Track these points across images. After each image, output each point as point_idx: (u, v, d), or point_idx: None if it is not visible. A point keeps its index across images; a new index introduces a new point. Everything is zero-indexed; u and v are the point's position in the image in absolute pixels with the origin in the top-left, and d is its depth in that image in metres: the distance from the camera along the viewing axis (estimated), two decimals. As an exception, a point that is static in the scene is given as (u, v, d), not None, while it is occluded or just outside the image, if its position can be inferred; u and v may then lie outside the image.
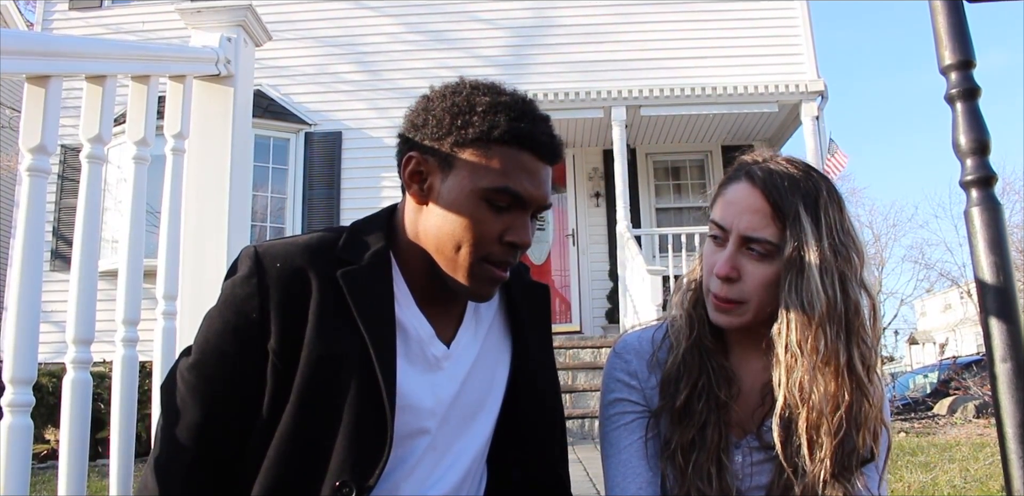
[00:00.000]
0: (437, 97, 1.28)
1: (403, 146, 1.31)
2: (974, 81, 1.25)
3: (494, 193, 1.23)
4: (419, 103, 1.31)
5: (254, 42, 2.51)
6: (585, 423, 6.18)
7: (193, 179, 2.22)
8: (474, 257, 1.25)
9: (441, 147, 1.25)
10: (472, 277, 1.27)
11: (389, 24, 9.61)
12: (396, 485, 1.26)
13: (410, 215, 1.31)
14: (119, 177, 8.08)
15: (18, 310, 1.48)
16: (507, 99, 1.27)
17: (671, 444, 1.38)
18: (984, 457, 5.09)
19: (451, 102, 1.26)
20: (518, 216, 1.26)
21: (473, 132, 1.23)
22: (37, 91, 1.56)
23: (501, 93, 1.29)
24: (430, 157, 1.26)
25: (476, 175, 1.23)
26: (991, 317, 1.16)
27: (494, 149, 1.23)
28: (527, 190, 1.24)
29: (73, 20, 9.79)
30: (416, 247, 1.30)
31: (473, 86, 1.29)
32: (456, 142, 1.24)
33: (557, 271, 9.61)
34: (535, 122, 1.27)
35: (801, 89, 8.48)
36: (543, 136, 1.27)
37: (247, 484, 1.22)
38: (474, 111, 1.24)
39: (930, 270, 31.42)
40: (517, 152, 1.24)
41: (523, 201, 1.25)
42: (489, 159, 1.23)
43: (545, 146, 1.27)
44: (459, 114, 1.24)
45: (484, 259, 1.26)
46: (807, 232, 1.28)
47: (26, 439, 1.45)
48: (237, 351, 1.24)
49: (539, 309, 1.49)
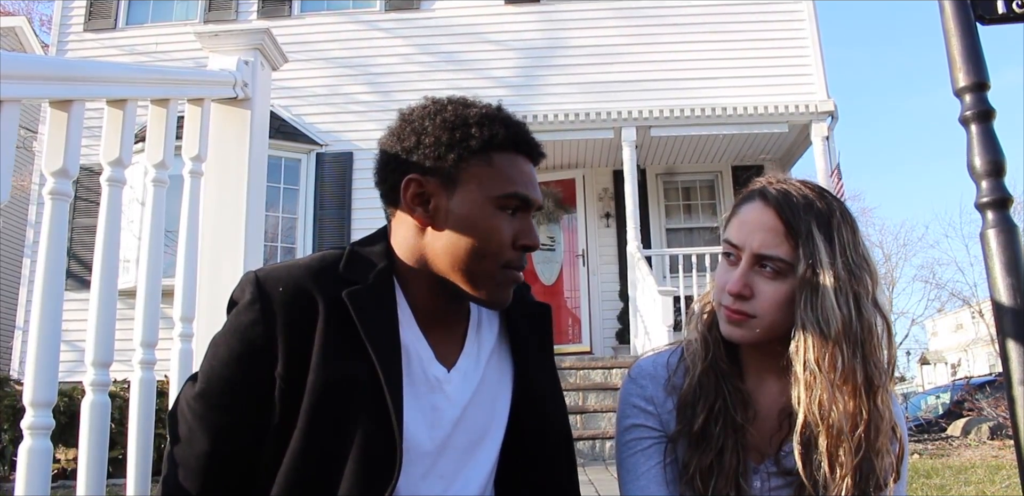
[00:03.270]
0: (421, 117, 1.30)
1: (396, 172, 1.30)
2: (988, 103, 1.26)
3: (505, 200, 1.27)
4: (401, 126, 1.31)
5: (271, 65, 2.53)
6: (596, 444, 6.14)
7: (211, 201, 2.23)
8: (496, 266, 1.28)
9: (444, 165, 1.26)
10: (496, 286, 1.29)
11: (401, 45, 9.68)
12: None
13: (410, 239, 1.31)
14: (131, 197, 8.12)
15: (40, 334, 1.48)
16: (488, 109, 1.31)
17: (689, 469, 1.37)
18: (1000, 480, 5.03)
19: (442, 118, 1.28)
20: (524, 219, 1.30)
21: (476, 143, 1.26)
22: (60, 115, 1.58)
23: (476, 104, 1.33)
24: (431, 177, 1.27)
25: (484, 185, 1.26)
26: (1008, 339, 1.17)
27: (494, 157, 1.27)
28: (530, 192, 1.29)
29: (88, 41, 9.88)
30: (418, 269, 1.30)
31: (449, 101, 1.32)
32: (460, 156, 1.26)
33: (568, 291, 9.60)
34: (519, 126, 1.32)
35: (811, 109, 8.49)
36: (531, 139, 1.32)
37: None
38: (468, 123, 1.27)
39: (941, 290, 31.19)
40: (514, 157, 1.29)
41: (529, 203, 1.29)
42: (493, 167, 1.27)
43: (535, 148, 1.33)
44: (456, 128, 1.27)
45: (506, 266, 1.28)
46: (820, 251, 1.29)
47: (46, 462, 1.45)
48: (243, 379, 1.24)
49: (541, 329, 1.48)
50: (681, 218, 9.87)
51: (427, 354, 1.31)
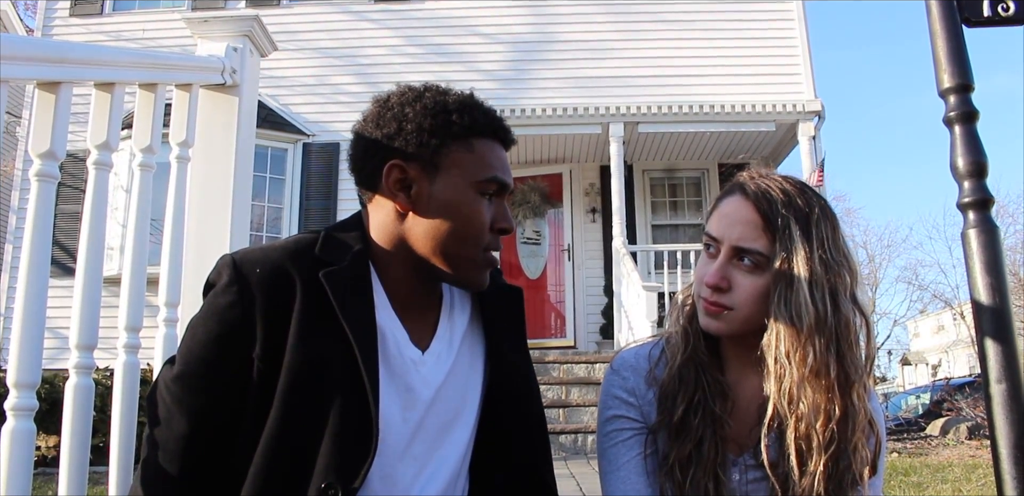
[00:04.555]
0: (400, 104, 1.32)
1: (376, 158, 1.31)
2: (972, 104, 1.26)
3: (485, 184, 1.30)
4: (379, 113, 1.34)
5: (259, 52, 2.53)
6: (579, 438, 6.16)
7: (197, 187, 2.23)
8: (478, 249, 1.31)
9: (426, 151, 1.28)
10: (476, 268, 1.33)
11: (389, 37, 9.64)
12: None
13: (389, 224, 1.33)
14: (116, 184, 8.07)
15: (24, 314, 1.48)
16: (464, 96, 1.35)
17: (669, 459, 1.38)
18: (976, 478, 5.08)
19: (422, 105, 1.30)
20: (500, 204, 1.34)
21: (457, 129, 1.29)
22: (48, 97, 1.57)
23: (451, 91, 1.36)
24: (413, 163, 1.29)
25: (466, 170, 1.29)
26: (987, 338, 1.18)
27: (474, 143, 1.31)
28: (507, 177, 1.33)
29: (74, 27, 9.79)
30: (396, 253, 1.32)
31: (426, 88, 1.36)
32: (441, 142, 1.28)
33: (552, 286, 9.61)
34: (494, 113, 1.36)
35: (798, 109, 8.53)
36: (506, 125, 1.36)
37: (235, 491, 1.22)
38: (448, 110, 1.30)
39: (924, 291, 31.45)
40: (491, 142, 1.33)
41: (505, 187, 1.33)
42: (473, 153, 1.30)
43: (509, 134, 1.37)
44: (437, 114, 1.29)
45: (485, 249, 1.32)
46: (797, 245, 1.30)
47: (28, 443, 1.45)
48: (221, 361, 1.25)
49: (512, 312, 1.50)
50: (667, 214, 9.89)
51: (402, 336, 1.32)
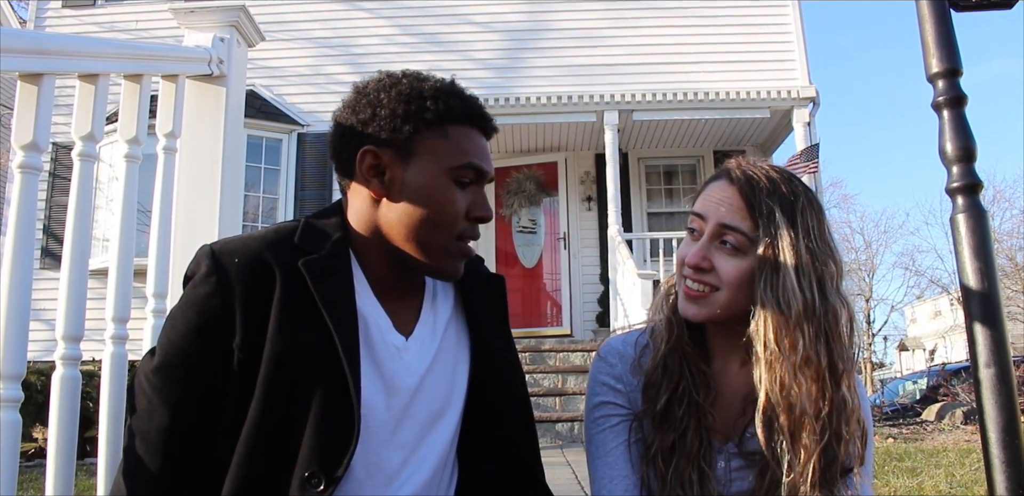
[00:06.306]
0: (376, 90, 1.32)
1: (351, 144, 1.31)
2: (961, 89, 1.26)
3: (460, 171, 1.29)
4: (356, 99, 1.33)
5: (247, 43, 2.51)
6: (575, 426, 6.18)
7: (184, 178, 2.22)
8: (450, 237, 1.31)
9: (399, 136, 1.28)
10: (448, 257, 1.32)
11: (383, 26, 9.61)
12: (361, 485, 1.25)
13: (365, 211, 1.32)
14: (110, 175, 8.05)
15: (8, 306, 1.48)
16: (441, 83, 1.34)
17: (652, 448, 1.38)
18: (970, 463, 5.11)
19: (397, 91, 1.30)
20: (477, 191, 1.33)
21: (431, 115, 1.28)
22: (30, 88, 1.57)
23: (430, 78, 1.35)
24: (387, 149, 1.29)
25: (440, 157, 1.29)
26: (975, 322, 1.18)
27: (449, 129, 1.30)
28: (484, 164, 1.32)
29: (66, 18, 9.74)
30: (373, 240, 1.32)
31: (404, 75, 1.35)
32: (415, 128, 1.28)
33: (548, 274, 9.62)
34: (473, 100, 1.35)
35: (793, 95, 8.52)
36: (485, 112, 1.35)
37: (218, 482, 1.21)
38: (423, 96, 1.29)
39: (920, 277, 31.54)
40: (469, 130, 1.32)
41: (483, 174, 1.33)
42: (448, 139, 1.30)
43: (489, 121, 1.36)
44: (412, 100, 1.29)
45: (459, 237, 1.31)
46: (782, 231, 1.30)
47: (15, 435, 1.45)
48: (201, 352, 1.24)
49: (496, 301, 1.50)
50: (662, 202, 9.89)
51: (385, 322, 1.32)
